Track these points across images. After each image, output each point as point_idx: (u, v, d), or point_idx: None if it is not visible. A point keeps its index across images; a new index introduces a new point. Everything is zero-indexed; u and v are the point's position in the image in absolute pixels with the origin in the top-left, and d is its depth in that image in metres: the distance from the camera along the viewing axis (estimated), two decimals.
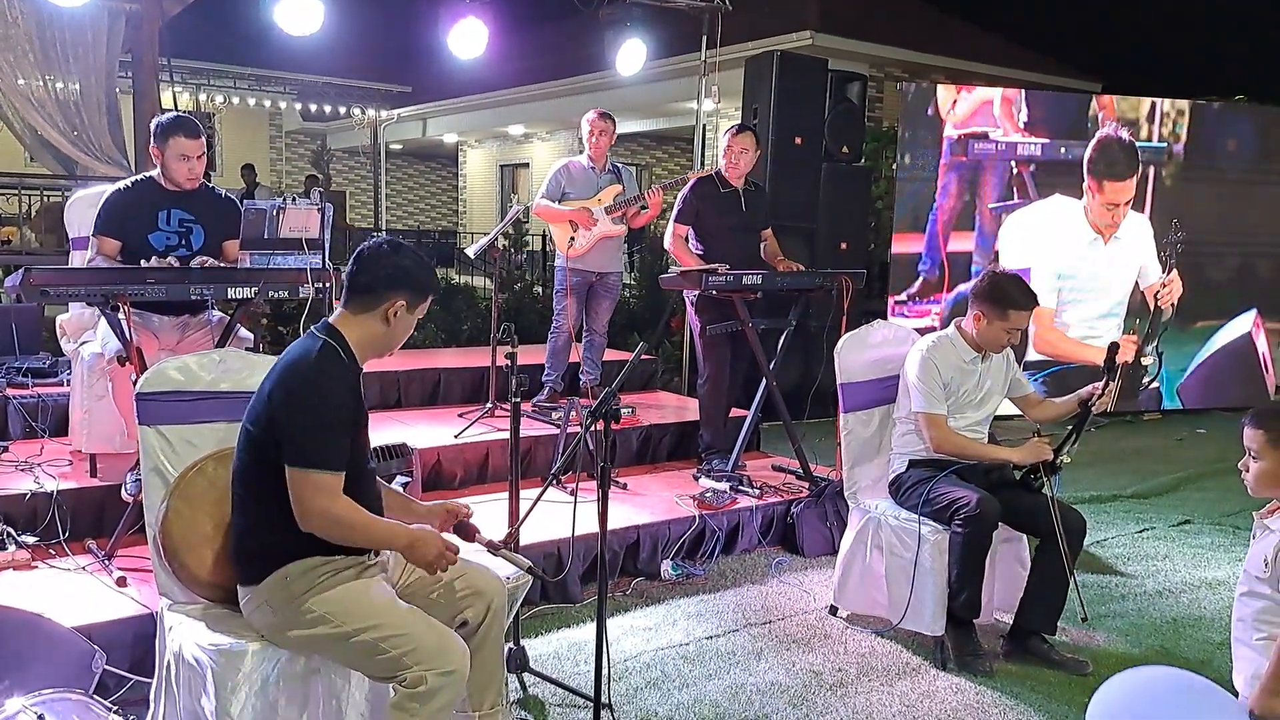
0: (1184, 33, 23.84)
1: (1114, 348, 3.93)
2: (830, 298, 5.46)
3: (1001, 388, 4.10)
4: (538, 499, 3.14)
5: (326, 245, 4.27)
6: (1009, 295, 3.87)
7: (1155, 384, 8.43)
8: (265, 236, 4.52)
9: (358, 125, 21.71)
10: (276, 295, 4.13)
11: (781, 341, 5.60)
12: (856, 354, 4.30)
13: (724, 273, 5.11)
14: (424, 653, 2.50)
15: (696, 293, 5.28)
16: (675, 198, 5.88)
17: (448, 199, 26.74)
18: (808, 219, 7.57)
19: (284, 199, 4.86)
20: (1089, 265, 8.17)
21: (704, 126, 8.02)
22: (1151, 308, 3.62)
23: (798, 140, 7.52)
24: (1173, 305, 8.41)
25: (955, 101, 7.88)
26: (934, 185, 7.89)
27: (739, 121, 6.57)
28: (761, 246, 5.66)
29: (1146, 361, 3.69)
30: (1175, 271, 8.33)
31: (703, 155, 8.04)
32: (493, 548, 2.77)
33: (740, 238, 5.54)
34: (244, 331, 4.32)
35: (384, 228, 21.84)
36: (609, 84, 13.82)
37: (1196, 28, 23.60)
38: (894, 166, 8.43)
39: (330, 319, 2.67)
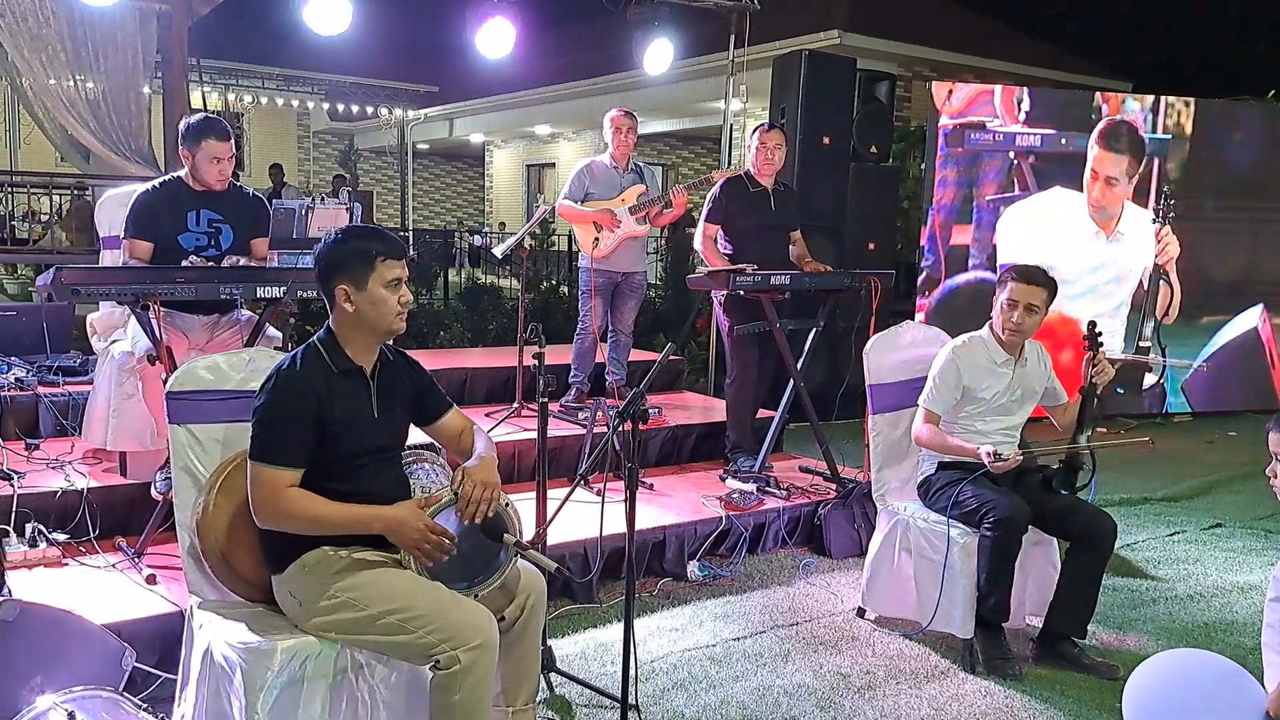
0: (1217, 32, 23.59)
1: (1092, 325, 3.90)
2: (858, 298, 5.43)
3: (1037, 395, 4.05)
4: (565, 499, 3.13)
5: None
6: (1011, 270, 3.89)
7: (1161, 381, 8.35)
8: (294, 236, 4.53)
9: (385, 125, 21.81)
10: (305, 294, 4.13)
11: (809, 342, 5.57)
12: (886, 355, 4.27)
13: (752, 273, 5.10)
14: (449, 631, 2.49)
15: (724, 293, 5.26)
16: (700, 197, 5.87)
17: (474, 199, 26.84)
18: (836, 219, 7.54)
19: (313, 198, 4.88)
20: (1090, 260, 8.02)
21: (731, 126, 8.00)
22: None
23: (826, 140, 7.50)
24: (1170, 302, 8.21)
25: (950, 91, 7.79)
26: (933, 177, 7.80)
27: (766, 121, 6.54)
28: (789, 248, 5.64)
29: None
30: (1169, 227, 8.09)
31: (730, 155, 8.02)
32: (520, 548, 2.77)
33: (769, 238, 5.51)
34: (272, 330, 4.33)
35: (410, 227, 21.93)
36: (636, 83, 13.84)
37: (1231, 27, 23.33)
38: (922, 166, 8.36)
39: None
